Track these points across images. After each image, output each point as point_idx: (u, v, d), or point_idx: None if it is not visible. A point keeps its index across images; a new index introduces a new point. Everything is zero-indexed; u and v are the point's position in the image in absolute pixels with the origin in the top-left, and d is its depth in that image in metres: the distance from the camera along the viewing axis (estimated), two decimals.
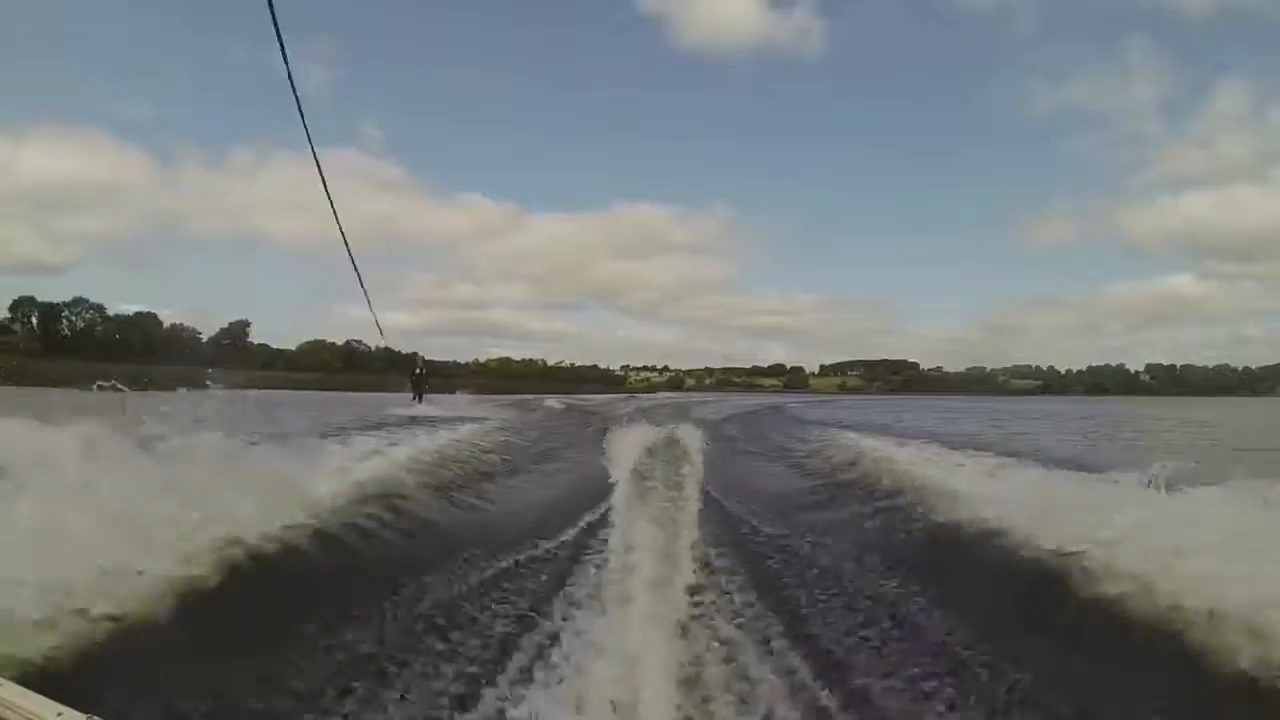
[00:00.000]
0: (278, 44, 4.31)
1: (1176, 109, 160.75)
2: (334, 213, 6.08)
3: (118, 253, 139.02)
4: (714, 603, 3.94)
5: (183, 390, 5.80)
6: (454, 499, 6.84)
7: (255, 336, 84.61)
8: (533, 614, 3.79)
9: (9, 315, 70.74)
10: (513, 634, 3.54)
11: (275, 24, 4.03)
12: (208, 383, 6.10)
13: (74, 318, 75.10)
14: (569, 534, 5.54)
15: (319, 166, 5.65)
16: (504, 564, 4.70)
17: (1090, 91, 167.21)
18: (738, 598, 4.11)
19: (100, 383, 5.60)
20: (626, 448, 9.15)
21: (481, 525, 6.17)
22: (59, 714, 1.40)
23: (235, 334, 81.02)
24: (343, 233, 6.42)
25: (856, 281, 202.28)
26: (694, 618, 3.64)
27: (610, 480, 7.30)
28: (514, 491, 8.02)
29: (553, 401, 29.81)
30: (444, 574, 4.42)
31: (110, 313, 76.10)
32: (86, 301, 75.35)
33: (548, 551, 5.08)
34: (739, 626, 3.65)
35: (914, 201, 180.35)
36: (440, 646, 3.36)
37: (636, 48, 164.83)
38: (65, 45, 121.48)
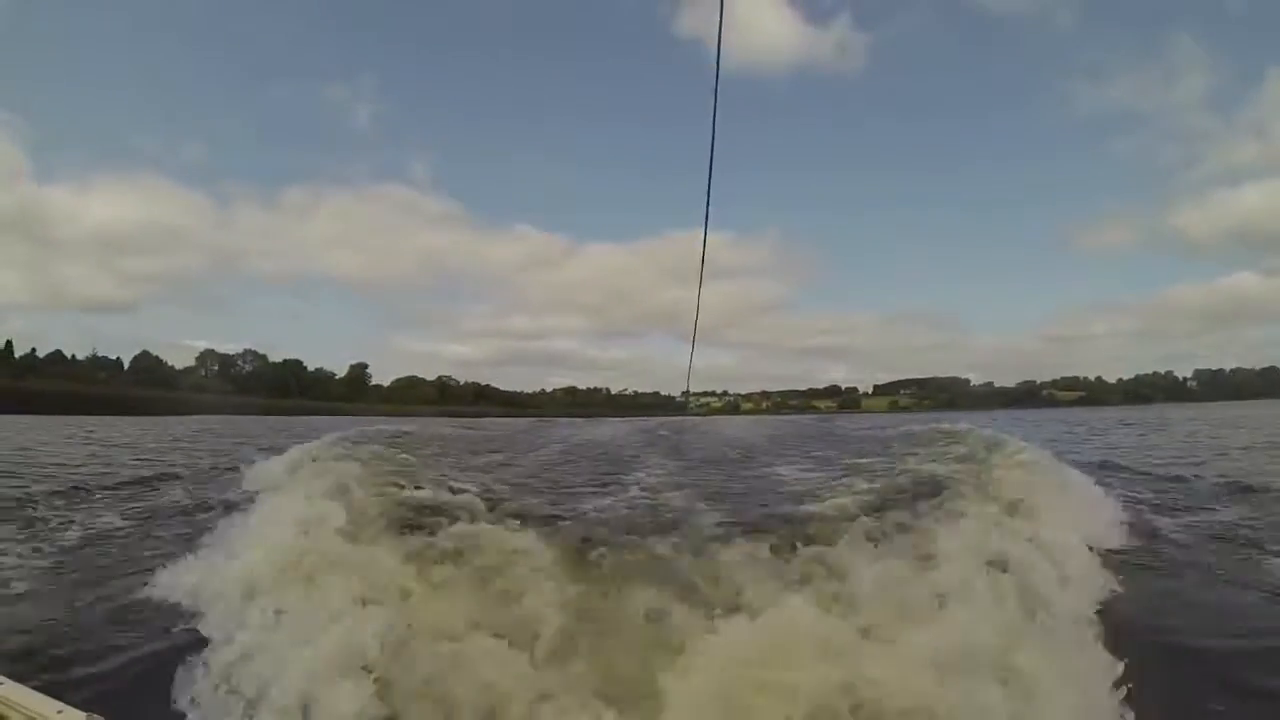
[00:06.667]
0: None
1: (1226, 100, 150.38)
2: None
3: (180, 290, 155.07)
4: None
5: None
6: None
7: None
8: None
9: (195, 363, 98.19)
10: None
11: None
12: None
13: (243, 364, 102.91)
14: None
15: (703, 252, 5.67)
16: None
17: (1134, 89, 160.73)
18: None
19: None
20: None
21: None
22: (59, 712, 1.42)
23: (357, 375, 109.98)
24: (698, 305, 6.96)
25: (913, 298, 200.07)
26: None
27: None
28: None
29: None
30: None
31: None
32: (254, 352, 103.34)
33: None
34: None
35: (965, 213, 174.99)
36: None
37: (676, 72, 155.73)
38: (119, 97, 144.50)
